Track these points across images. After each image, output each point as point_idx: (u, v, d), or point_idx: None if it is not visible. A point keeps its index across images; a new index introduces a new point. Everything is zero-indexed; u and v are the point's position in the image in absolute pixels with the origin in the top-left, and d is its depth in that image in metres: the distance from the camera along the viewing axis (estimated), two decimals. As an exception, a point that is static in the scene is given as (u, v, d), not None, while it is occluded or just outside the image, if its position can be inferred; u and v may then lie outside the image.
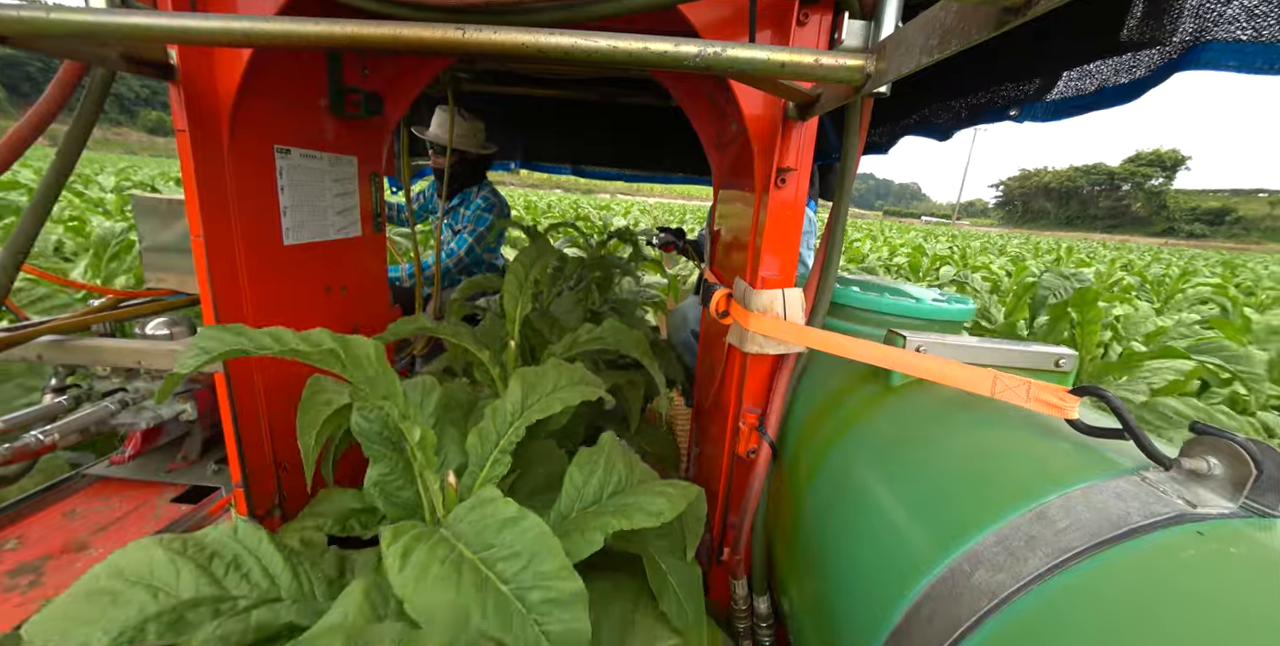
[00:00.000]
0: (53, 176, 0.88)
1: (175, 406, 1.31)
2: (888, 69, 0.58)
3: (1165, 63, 0.89)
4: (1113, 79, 1.02)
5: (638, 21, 0.99)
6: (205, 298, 1.03)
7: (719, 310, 1.06)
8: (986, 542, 0.53)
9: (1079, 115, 1.14)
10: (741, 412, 1.03)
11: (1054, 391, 0.61)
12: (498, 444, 0.78)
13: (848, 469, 0.78)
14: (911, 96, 1.55)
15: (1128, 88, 0.99)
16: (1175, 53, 0.85)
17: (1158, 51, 0.90)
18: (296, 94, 1.22)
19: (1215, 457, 0.49)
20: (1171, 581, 0.42)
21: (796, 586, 0.85)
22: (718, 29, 0.88)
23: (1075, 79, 1.11)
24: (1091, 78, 1.07)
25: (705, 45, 0.59)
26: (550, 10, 0.79)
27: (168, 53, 0.90)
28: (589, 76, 2.09)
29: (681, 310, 2.36)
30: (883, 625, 0.58)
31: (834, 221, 0.94)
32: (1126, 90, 1.00)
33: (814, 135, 0.91)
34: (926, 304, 1.02)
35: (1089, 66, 1.06)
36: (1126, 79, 0.99)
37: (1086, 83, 1.08)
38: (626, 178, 3.53)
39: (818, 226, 2.28)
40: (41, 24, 0.61)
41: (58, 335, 1.20)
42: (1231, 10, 0.74)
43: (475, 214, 2.68)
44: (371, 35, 0.61)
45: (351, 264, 1.49)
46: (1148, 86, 0.96)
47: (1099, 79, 1.05)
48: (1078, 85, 1.10)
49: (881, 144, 1.92)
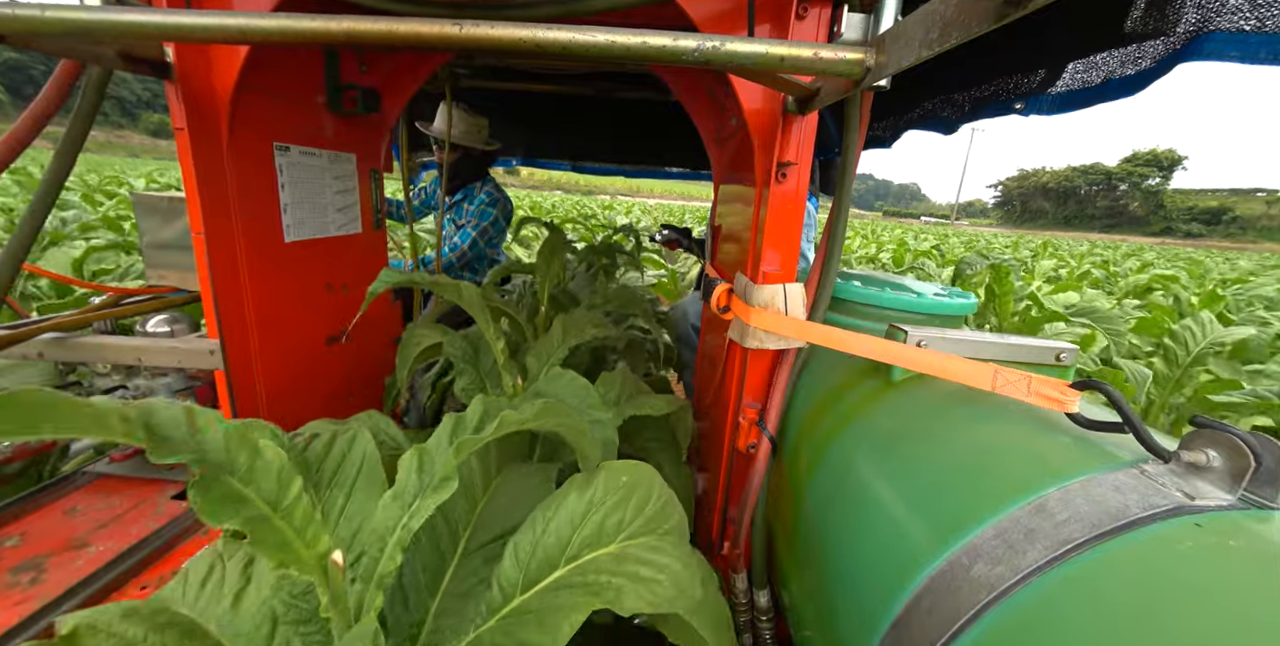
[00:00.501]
0: (52, 176, 0.88)
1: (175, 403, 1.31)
2: (887, 62, 0.57)
3: (1169, 53, 0.88)
4: (1118, 71, 1.01)
5: (636, 16, 0.98)
6: (206, 295, 1.03)
7: (720, 305, 1.06)
8: (986, 535, 0.53)
9: (1084, 108, 1.13)
10: (742, 407, 1.04)
11: (1054, 385, 0.61)
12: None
13: (848, 463, 0.79)
14: (914, 90, 1.54)
15: (1133, 79, 0.98)
16: (1179, 43, 0.85)
17: (1161, 42, 0.89)
18: (294, 91, 1.22)
19: (1214, 450, 0.49)
20: (1170, 573, 0.42)
21: (797, 580, 0.85)
22: (716, 23, 0.87)
23: (1080, 71, 1.09)
24: (1097, 69, 1.06)
25: (704, 39, 0.59)
26: (548, 5, 0.78)
27: (164, 50, 0.90)
28: (588, 71, 2.08)
29: (682, 305, 2.36)
30: (883, 617, 0.58)
31: (835, 216, 0.94)
32: (1132, 82, 0.99)
33: (814, 129, 0.91)
34: (928, 299, 1.02)
35: (1094, 58, 1.05)
36: (1132, 70, 0.98)
37: (1092, 75, 1.07)
38: (627, 173, 3.52)
39: (818, 221, 2.27)
40: (37, 22, 0.61)
41: (59, 332, 1.20)
42: (1234, 0, 0.74)
43: (479, 209, 2.68)
44: (368, 31, 0.61)
45: (352, 260, 1.49)
46: (1152, 78, 0.95)
47: (1104, 71, 1.04)
48: (1084, 77, 1.09)
49: (884, 138, 1.91)
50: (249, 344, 1.14)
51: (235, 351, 1.10)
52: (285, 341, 1.23)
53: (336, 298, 1.43)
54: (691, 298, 2.33)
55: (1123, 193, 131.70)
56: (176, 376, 1.32)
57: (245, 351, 1.13)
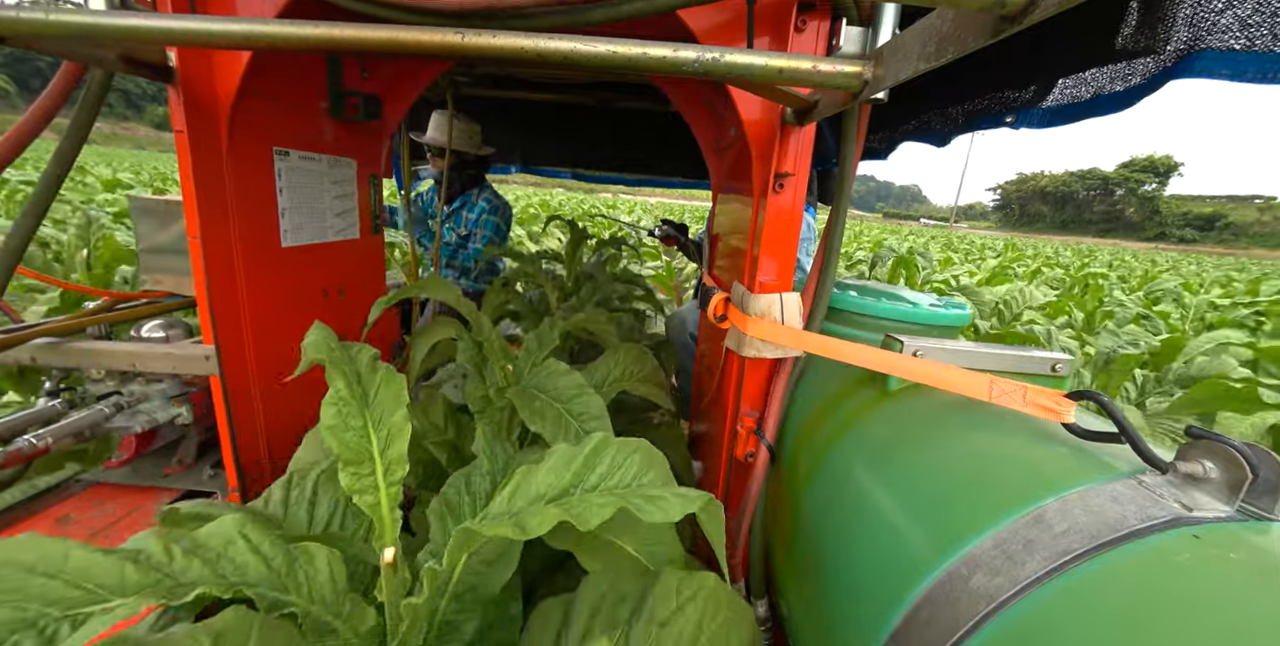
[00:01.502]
0: (51, 177, 0.88)
1: (170, 410, 1.30)
2: (885, 75, 0.58)
3: (1160, 71, 0.90)
4: (1108, 86, 1.03)
5: (637, 27, 0.99)
6: (202, 300, 1.03)
7: (717, 314, 1.07)
8: (984, 546, 0.53)
9: (1074, 122, 1.15)
10: (739, 416, 1.03)
11: (1050, 396, 0.62)
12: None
13: (845, 473, 0.78)
14: (910, 103, 1.56)
15: (1122, 95, 1.00)
16: (1170, 61, 0.86)
17: (1152, 60, 0.91)
18: (296, 96, 1.23)
19: (1211, 461, 0.49)
20: (1168, 585, 0.42)
21: (794, 589, 0.85)
22: (716, 34, 0.89)
23: (1071, 86, 1.12)
24: (1087, 85, 1.08)
25: (704, 51, 0.59)
26: (549, 15, 0.79)
27: (166, 55, 0.90)
28: (588, 81, 2.10)
29: (680, 314, 2.36)
30: (881, 628, 0.58)
31: (832, 226, 0.94)
32: (1121, 98, 1.00)
33: (812, 141, 0.92)
34: (923, 308, 1.03)
35: (1084, 74, 1.07)
36: (1121, 86, 1.00)
37: (1082, 90, 1.09)
38: (627, 182, 3.54)
39: (817, 232, 2.29)
40: (40, 25, 0.61)
41: (52, 337, 1.19)
42: (1225, 20, 0.75)
43: (481, 218, 2.68)
44: (371, 39, 0.61)
45: (350, 266, 1.48)
46: (1143, 94, 0.97)
47: (1094, 86, 1.06)
48: (1073, 92, 1.11)
49: (880, 150, 1.93)
50: (245, 349, 1.13)
51: (231, 357, 1.10)
52: (281, 347, 1.22)
53: (334, 303, 1.42)
54: (690, 306, 2.34)
55: (1119, 198, 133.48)
56: (171, 382, 1.31)
57: (241, 357, 1.13)
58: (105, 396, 1.25)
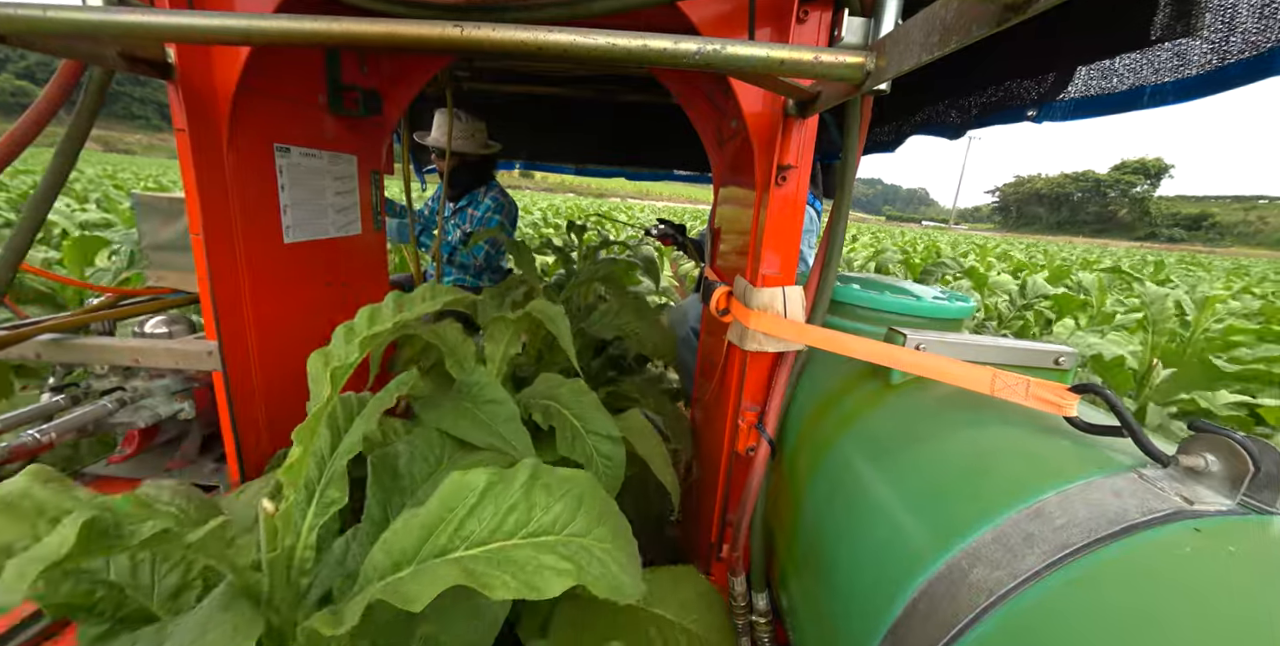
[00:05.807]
0: (51, 176, 0.88)
1: (173, 405, 1.31)
2: (888, 66, 0.58)
3: (1232, 64, 0.79)
4: (1152, 78, 0.94)
5: (637, 18, 0.98)
6: (205, 296, 1.03)
7: (719, 308, 1.06)
8: (984, 539, 0.53)
9: (1101, 115, 1.08)
10: (741, 410, 1.03)
11: (1053, 389, 0.61)
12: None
13: (847, 466, 0.79)
14: (919, 93, 1.54)
15: (1177, 87, 0.90)
16: (1249, 52, 0.76)
17: (1212, 53, 0.82)
18: (295, 92, 1.22)
19: (1213, 455, 0.49)
20: (1169, 578, 0.42)
21: (795, 582, 0.85)
22: (717, 26, 0.88)
23: (1097, 77, 1.06)
24: (1118, 77, 1.00)
25: (704, 42, 0.59)
26: (549, 7, 0.79)
27: (165, 51, 0.90)
28: (589, 74, 2.08)
29: (682, 307, 2.36)
30: (881, 621, 0.58)
31: (835, 219, 0.94)
32: (1173, 90, 0.91)
33: (814, 133, 0.91)
34: (927, 302, 1.02)
35: (1113, 65, 1.00)
36: (1170, 78, 0.90)
37: (1113, 81, 1.02)
38: (629, 175, 3.52)
39: (820, 225, 2.28)
40: (38, 22, 0.61)
41: (56, 333, 1.19)
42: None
43: (486, 216, 2.67)
44: (369, 33, 0.61)
45: (351, 262, 1.49)
46: (1205, 91, 0.87)
47: (1129, 80, 0.98)
48: (1100, 85, 1.06)
49: (888, 142, 1.91)
50: (247, 345, 1.14)
51: (234, 353, 1.10)
52: (284, 343, 1.23)
53: (336, 299, 1.43)
54: (691, 300, 2.34)
55: (1112, 199, 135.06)
56: (174, 378, 1.32)
57: (244, 353, 1.13)
58: (109, 392, 1.26)
